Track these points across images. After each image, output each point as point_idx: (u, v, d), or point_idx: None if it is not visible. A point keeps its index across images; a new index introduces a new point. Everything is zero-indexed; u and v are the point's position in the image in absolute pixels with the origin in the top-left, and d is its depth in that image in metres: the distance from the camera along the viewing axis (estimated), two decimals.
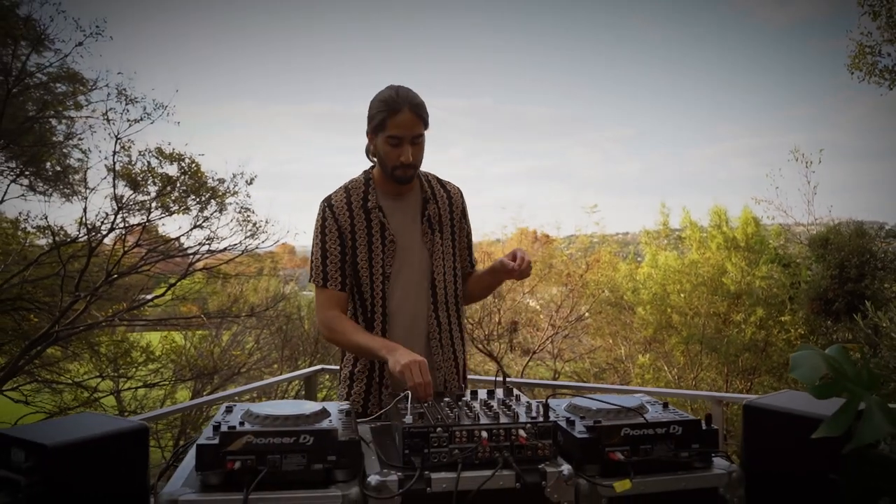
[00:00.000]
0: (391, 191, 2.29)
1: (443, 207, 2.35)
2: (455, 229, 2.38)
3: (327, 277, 2.22)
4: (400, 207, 2.29)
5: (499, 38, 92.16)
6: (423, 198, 2.32)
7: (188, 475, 1.50)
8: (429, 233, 2.30)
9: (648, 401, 1.85)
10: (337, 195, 2.28)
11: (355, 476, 1.50)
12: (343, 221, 2.23)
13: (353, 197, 2.26)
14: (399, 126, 2.13)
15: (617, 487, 1.52)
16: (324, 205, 2.27)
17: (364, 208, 2.25)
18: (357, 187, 2.29)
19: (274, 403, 1.70)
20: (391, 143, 2.15)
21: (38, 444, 1.31)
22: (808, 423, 1.53)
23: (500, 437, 1.55)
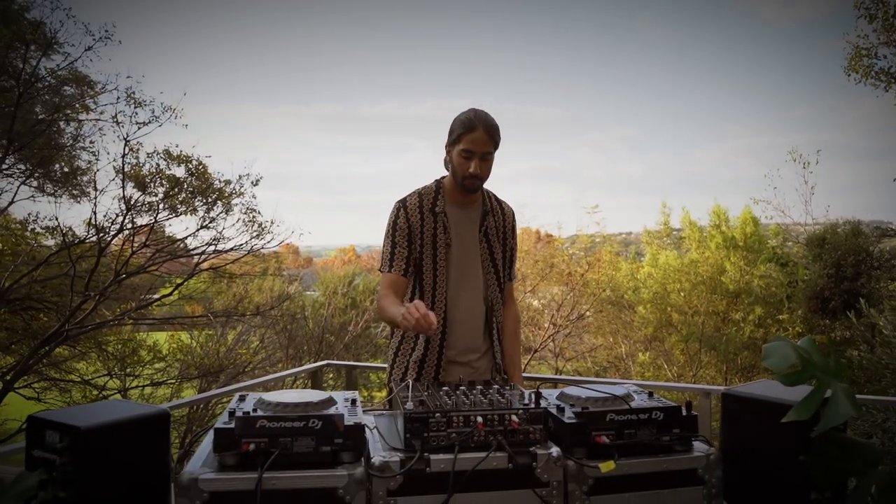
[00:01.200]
0: (458, 200, 2.58)
1: (498, 222, 2.67)
2: (506, 242, 2.69)
3: (392, 264, 2.51)
4: (463, 215, 2.59)
5: (501, 38, 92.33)
6: (483, 210, 2.63)
7: (206, 457, 1.63)
8: (484, 242, 2.61)
9: (635, 390, 1.97)
10: (411, 198, 2.57)
11: (360, 457, 1.62)
12: (414, 221, 2.52)
13: (425, 201, 2.56)
14: (472, 142, 2.44)
15: (602, 468, 1.64)
16: (399, 205, 2.56)
17: (432, 212, 2.54)
18: (429, 193, 2.58)
19: (283, 392, 1.83)
20: (464, 156, 2.45)
21: (72, 427, 1.44)
22: (781, 409, 1.65)
23: (494, 422, 1.67)
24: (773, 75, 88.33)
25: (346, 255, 48.74)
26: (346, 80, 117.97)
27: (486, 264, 2.60)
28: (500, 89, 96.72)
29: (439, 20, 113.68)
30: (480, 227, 2.61)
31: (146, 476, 1.60)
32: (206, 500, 1.50)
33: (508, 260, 2.72)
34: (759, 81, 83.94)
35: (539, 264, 14.36)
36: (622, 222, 59.65)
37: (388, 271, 2.51)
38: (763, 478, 1.76)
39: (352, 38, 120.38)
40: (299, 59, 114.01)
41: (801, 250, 11.81)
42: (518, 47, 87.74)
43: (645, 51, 71.78)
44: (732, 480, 1.78)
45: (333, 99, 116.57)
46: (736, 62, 75.86)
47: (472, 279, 2.57)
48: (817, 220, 12.19)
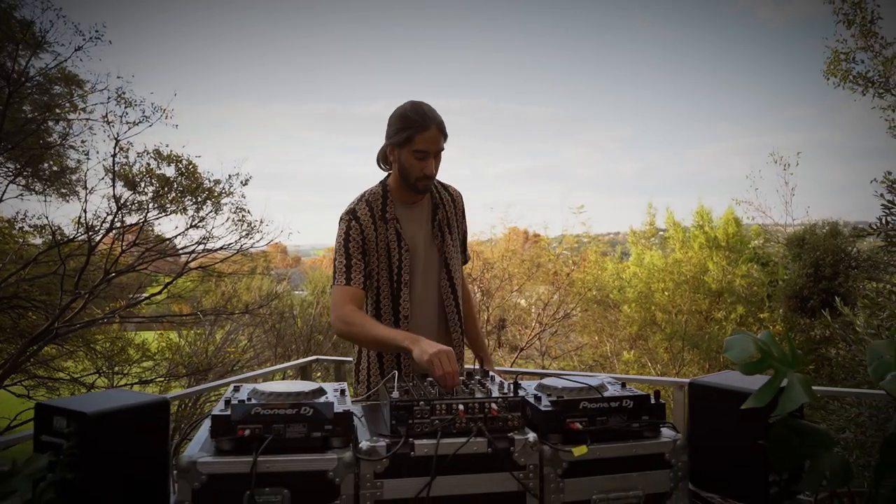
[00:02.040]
0: (406, 199, 2.48)
1: (448, 210, 2.57)
2: (458, 229, 2.62)
3: (350, 277, 2.36)
4: (413, 215, 2.49)
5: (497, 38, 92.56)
6: (433, 203, 2.54)
7: (203, 442, 1.72)
8: (438, 236, 2.51)
9: (609, 381, 2.08)
10: (360, 208, 2.43)
11: (349, 443, 1.72)
12: (368, 233, 2.40)
13: (374, 208, 2.43)
14: (426, 141, 2.31)
15: (575, 452, 1.75)
16: (349, 217, 2.41)
17: (383, 219, 2.43)
18: (376, 199, 2.45)
19: (276, 383, 1.93)
20: (417, 157, 2.33)
21: (79, 413, 1.54)
22: (741, 397, 1.76)
23: (474, 410, 1.77)
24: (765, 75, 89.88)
25: (333, 254, 48.62)
26: (339, 79, 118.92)
27: (448, 258, 2.52)
28: (494, 89, 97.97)
29: (433, 20, 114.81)
30: (433, 221, 2.52)
31: (147, 460, 1.70)
32: (204, 481, 1.59)
33: (459, 245, 2.65)
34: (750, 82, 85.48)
35: (526, 264, 14.51)
36: (611, 222, 60.08)
37: (347, 284, 2.36)
38: (726, 461, 1.88)
39: (345, 37, 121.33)
40: (292, 58, 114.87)
41: (781, 250, 12.03)
42: (512, 47, 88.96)
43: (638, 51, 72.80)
44: (698, 464, 1.90)
45: (327, 98, 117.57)
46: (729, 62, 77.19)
47: (431, 278, 2.50)
48: (797, 221, 12.46)
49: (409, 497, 1.68)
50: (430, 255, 2.50)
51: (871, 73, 8.87)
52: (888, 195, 4.95)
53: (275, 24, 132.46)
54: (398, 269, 2.42)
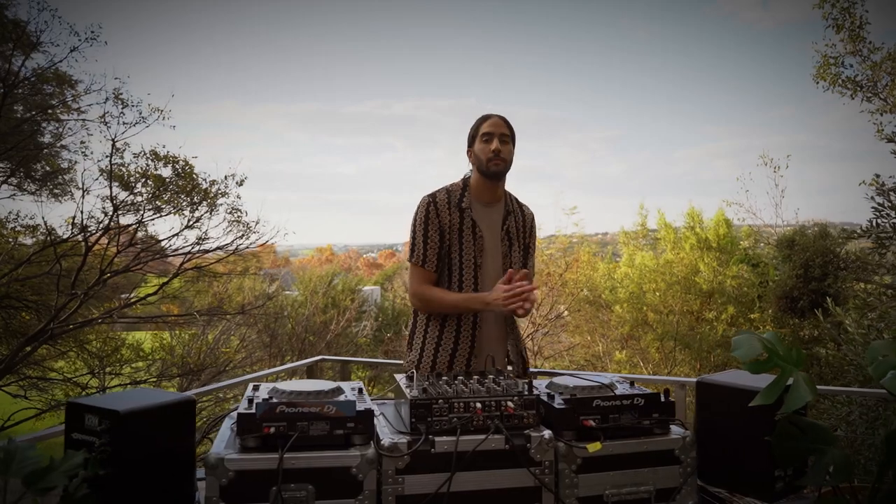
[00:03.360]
0: (483, 199, 2.72)
1: (518, 222, 2.82)
2: (522, 244, 2.84)
3: (426, 259, 2.66)
4: (487, 213, 2.73)
5: (485, 38, 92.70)
6: (506, 210, 2.77)
7: (227, 440, 1.77)
8: (506, 240, 2.75)
9: (618, 380, 2.15)
10: (440, 194, 2.70)
11: (370, 440, 1.77)
12: (444, 216, 2.66)
13: (452, 197, 2.70)
14: (490, 125, 2.65)
15: (590, 448, 1.81)
16: (428, 200, 2.68)
17: (459, 207, 2.68)
18: (456, 189, 2.72)
19: (295, 382, 1.98)
20: (484, 140, 2.63)
21: (113, 411, 1.58)
22: (748, 395, 1.84)
23: (491, 408, 1.83)
24: (752, 77, 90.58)
25: (323, 254, 48.61)
26: (326, 79, 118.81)
27: (506, 262, 2.74)
28: (481, 89, 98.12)
29: (422, 20, 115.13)
30: (503, 226, 2.74)
31: (174, 456, 1.74)
32: (232, 478, 1.64)
33: (525, 258, 2.85)
34: (737, 83, 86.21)
35: None
36: (599, 223, 60.43)
37: (422, 266, 2.65)
38: (732, 457, 1.95)
39: (332, 37, 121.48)
40: (278, 58, 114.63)
41: (771, 251, 12.17)
42: (503, 48, 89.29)
43: (625, 52, 73.15)
44: (705, 460, 1.96)
45: (314, 98, 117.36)
46: (716, 65, 77.67)
47: (497, 274, 2.70)
48: (787, 223, 12.61)
49: (429, 492, 1.73)
50: (495, 252, 2.72)
51: (860, 78, 9.04)
52: (878, 198, 5.05)
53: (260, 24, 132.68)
54: (473, 254, 2.67)
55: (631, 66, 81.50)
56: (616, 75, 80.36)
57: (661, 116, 79.07)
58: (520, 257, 2.81)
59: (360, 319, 17.14)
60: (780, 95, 78.80)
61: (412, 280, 2.73)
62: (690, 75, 78.79)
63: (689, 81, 78.19)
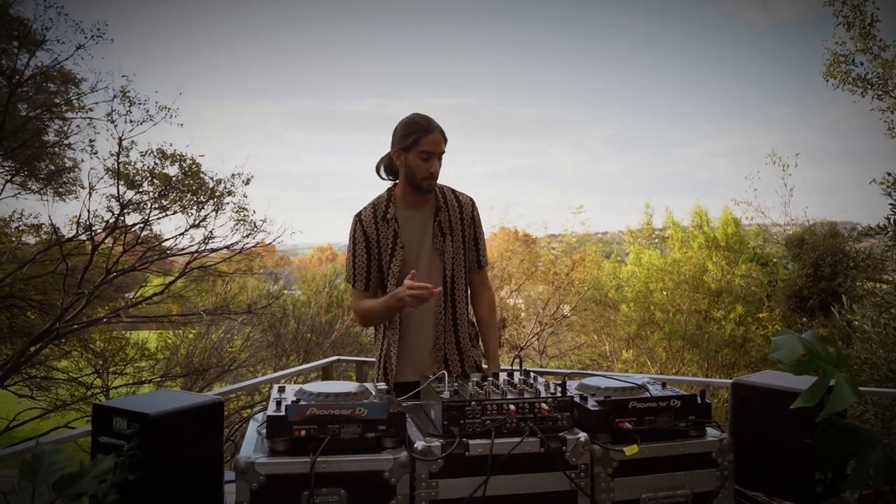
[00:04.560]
0: (410, 203, 2.68)
1: (454, 215, 2.73)
2: (465, 234, 2.76)
3: (356, 278, 2.70)
4: (415, 216, 2.69)
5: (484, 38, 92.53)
6: (436, 206, 2.71)
7: (255, 443, 1.73)
8: (439, 236, 2.68)
9: (649, 381, 2.11)
10: (366, 211, 2.71)
11: (401, 444, 1.73)
12: (370, 232, 2.67)
13: (378, 210, 2.69)
14: (431, 143, 2.57)
15: (627, 451, 1.77)
16: (356, 219, 2.71)
17: (385, 219, 2.67)
18: (381, 202, 2.71)
19: (322, 384, 1.93)
20: (423, 158, 2.57)
21: (142, 414, 1.54)
22: (787, 396, 1.79)
23: (525, 410, 1.78)
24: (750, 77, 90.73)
25: (323, 253, 48.53)
26: (324, 78, 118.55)
27: (447, 259, 2.68)
28: (478, 88, 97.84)
29: (418, 19, 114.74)
30: (434, 222, 2.69)
31: (203, 460, 1.70)
32: (262, 482, 1.60)
33: (472, 249, 2.79)
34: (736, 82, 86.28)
35: (524, 263, 14.54)
36: (599, 221, 60.31)
37: (354, 285, 2.70)
38: (770, 460, 1.91)
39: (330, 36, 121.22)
40: (276, 57, 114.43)
41: (780, 250, 12.12)
42: (502, 47, 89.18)
43: (624, 51, 73.12)
44: (742, 463, 1.92)
45: (311, 96, 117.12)
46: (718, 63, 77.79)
47: (433, 279, 2.65)
48: (796, 221, 12.53)
49: (463, 497, 1.69)
50: (432, 256, 2.68)
51: (870, 76, 8.98)
52: (895, 195, 5.00)
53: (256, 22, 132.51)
54: (396, 264, 2.64)
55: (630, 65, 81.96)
56: (615, 74, 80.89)
57: (659, 116, 79.55)
58: (461, 249, 2.73)
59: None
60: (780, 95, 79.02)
61: (353, 301, 2.77)
62: (689, 75, 79.29)
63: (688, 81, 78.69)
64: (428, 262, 2.67)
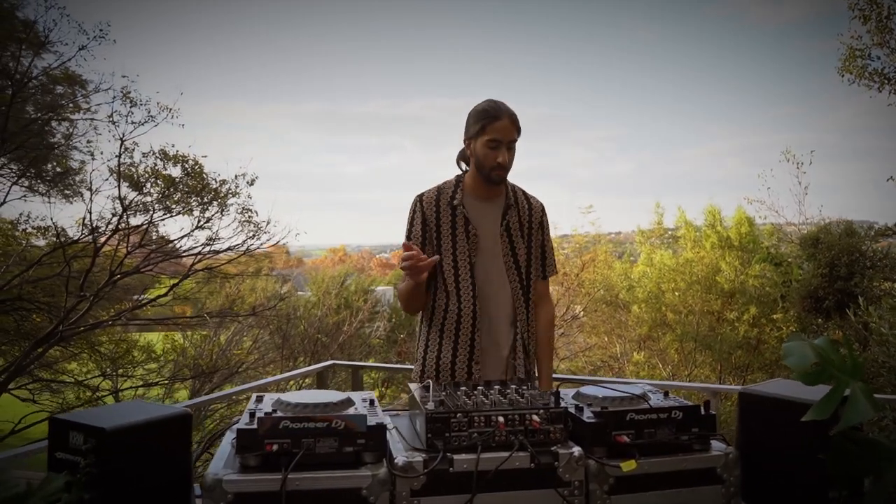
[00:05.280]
0: (479, 194, 2.55)
1: (523, 216, 2.60)
2: (532, 238, 2.62)
3: None
4: (484, 208, 2.55)
5: (494, 38, 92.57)
6: (506, 204, 2.57)
7: (226, 458, 1.62)
8: (505, 235, 2.55)
9: (650, 389, 1.98)
10: (429, 192, 2.57)
11: (382, 458, 1.62)
12: (429, 215, 2.52)
13: (443, 195, 2.55)
14: (498, 131, 2.42)
15: (624, 467, 1.65)
16: (416, 200, 2.56)
17: (450, 205, 2.53)
18: (448, 187, 2.57)
19: (302, 393, 1.83)
20: (490, 146, 2.42)
21: (98, 428, 1.43)
22: (798, 408, 1.66)
23: (515, 422, 1.67)
24: (765, 75, 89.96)
25: (336, 254, 48.65)
26: (334, 79, 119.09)
27: (507, 260, 2.55)
28: (488, 89, 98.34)
29: (428, 20, 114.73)
30: (502, 221, 2.55)
31: (168, 476, 1.59)
32: (231, 500, 1.49)
33: (539, 256, 2.65)
34: (751, 81, 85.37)
35: None
36: (611, 221, 59.85)
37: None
38: (781, 476, 1.77)
39: (340, 37, 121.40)
40: (286, 58, 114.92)
41: (794, 250, 11.91)
42: (512, 48, 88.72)
43: (634, 50, 72.78)
44: (750, 479, 1.79)
45: (321, 98, 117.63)
46: (729, 62, 76.75)
47: (497, 274, 2.53)
48: (811, 220, 12.30)
49: None
50: (496, 252, 2.54)
51: (888, 70, 8.77)
52: None
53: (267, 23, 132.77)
54: (467, 252, 2.50)
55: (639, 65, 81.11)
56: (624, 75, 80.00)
57: (668, 114, 78.67)
58: (525, 253, 2.58)
59: (373, 320, 17.00)
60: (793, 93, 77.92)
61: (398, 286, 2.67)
62: (699, 74, 78.18)
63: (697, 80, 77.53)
64: (494, 257, 2.53)
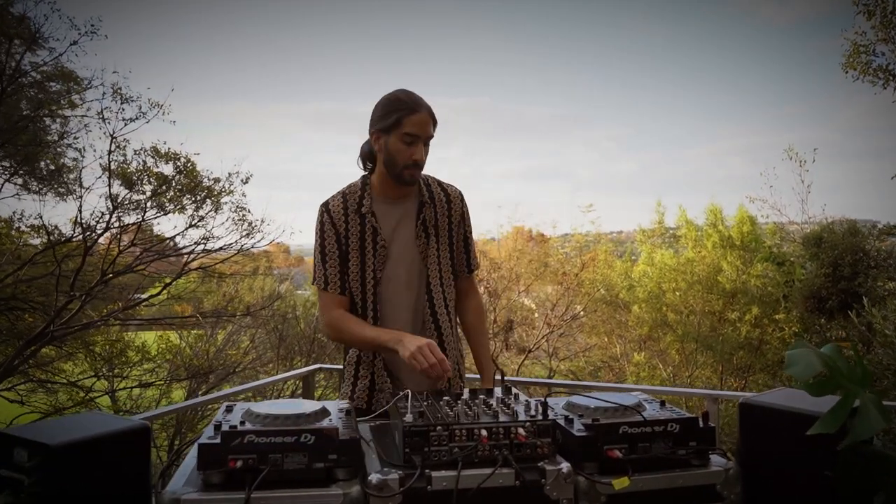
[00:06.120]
0: (389, 195, 2.29)
1: (440, 211, 2.35)
2: (452, 232, 2.38)
3: (328, 281, 2.25)
4: (395, 212, 2.29)
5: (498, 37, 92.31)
6: (419, 201, 2.31)
7: (189, 474, 1.51)
8: (423, 236, 2.30)
9: (645, 399, 1.86)
10: (334, 200, 2.28)
11: (356, 475, 1.51)
12: (339, 226, 2.25)
13: (350, 201, 2.27)
14: (416, 125, 2.16)
15: (616, 485, 1.53)
16: (322, 209, 2.28)
17: (358, 213, 2.26)
18: (354, 192, 2.29)
19: (273, 403, 1.71)
20: (406, 142, 2.16)
21: (42, 444, 1.32)
22: (804, 420, 1.54)
23: (499, 436, 1.56)
24: (765, 74, 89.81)
25: None
26: (337, 78, 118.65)
27: (430, 262, 2.31)
28: (494, 88, 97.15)
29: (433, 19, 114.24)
30: (417, 220, 2.30)
31: (124, 496, 1.48)
32: None
33: (462, 251, 2.42)
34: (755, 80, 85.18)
35: (533, 264, 14.28)
36: (615, 221, 59.55)
37: (325, 289, 2.25)
38: (785, 493, 1.66)
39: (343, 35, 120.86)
40: (290, 56, 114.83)
41: (797, 249, 11.78)
42: (516, 47, 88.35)
43: (636, 50, 72.64)
44: (752, 496, 1.68)
45: (327, 97, 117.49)
46: (733, 61, 76.57)
47: (413, 281, 2.29)
48: (814, 219, 12.17)
49: None
50: (413, 257, 2.29)
51: (892, 66, 8.64)
52: None
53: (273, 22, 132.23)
54: (373, 268, 2.26)
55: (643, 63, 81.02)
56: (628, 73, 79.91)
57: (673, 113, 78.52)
58: (447, 251, 2.35)
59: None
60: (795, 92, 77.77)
61: (321, 308, 2.32)
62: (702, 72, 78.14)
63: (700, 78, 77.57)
64: (409, 266, 2.28)
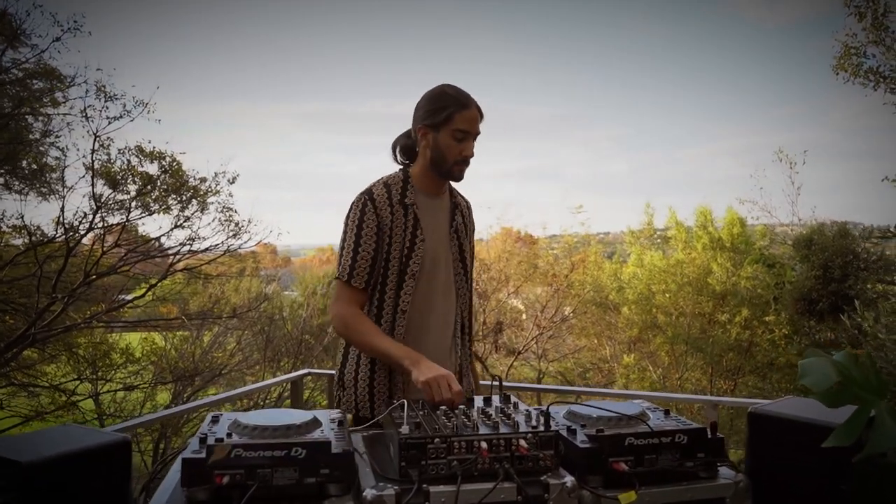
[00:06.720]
0: (430, 190, 2.26)
1: (466, 217, 2.39)
2: (470, 241, 2.42)
3: (353, 275, 2.15)
4: (434, 206, 2.27)
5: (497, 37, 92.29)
6: (452, 203, 2.33)
7: (173, 490, 1.43)
8: (454, 238, 2.31)
9: (649, 407, 1.80)
10: (377, 188, 2.21)
11: (349, 490, 1.43)
12: (384, 216, 2.17)
13: (393, 191, 2.21)
14: (468, 121, 2.15)
15: (622, 500, 1.46)
16: (364, 198, 2.18)
17: (402, 203, 2.20)
18: (396, 183, 2.23)
19: (263, 413, 1.63)
20: (457, 138, 2.15)
21: (12, 461, 1.23)
22: (817, 431, 1.49)
23: (500, 448, 1.48)
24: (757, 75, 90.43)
25: (324, 254, 48.32)
26: (331, 78, 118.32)
27: (455, 263, 2.30)
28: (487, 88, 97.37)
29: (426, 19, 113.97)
30: (451, 221, 2.30)
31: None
32: None
33: (469, 262, 2.41)
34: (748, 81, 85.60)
35: (522, 265, 14.24)
36: (605, 222, 59.53)
37: (348, 282, 2.16)
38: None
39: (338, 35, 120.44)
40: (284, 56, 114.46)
41: (787, 251, 11.81)
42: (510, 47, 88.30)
43: (634, 50, 73.06)
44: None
45: (319, 97, 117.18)
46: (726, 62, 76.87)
47: (444, 279, 2.27)
48: (804, 221, 12.19)
49: None
50: (446, 255, 2.28)
51: (883, 68, 8.66)
52: None
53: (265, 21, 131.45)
54: (408, 259, 2.20)
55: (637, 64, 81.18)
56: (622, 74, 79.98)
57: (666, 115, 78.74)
58: (469, 259, 2.38)
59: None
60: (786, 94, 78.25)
61: (336, 299, 2.21)
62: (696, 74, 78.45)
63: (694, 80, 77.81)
64: (445, 264, 2.27)
